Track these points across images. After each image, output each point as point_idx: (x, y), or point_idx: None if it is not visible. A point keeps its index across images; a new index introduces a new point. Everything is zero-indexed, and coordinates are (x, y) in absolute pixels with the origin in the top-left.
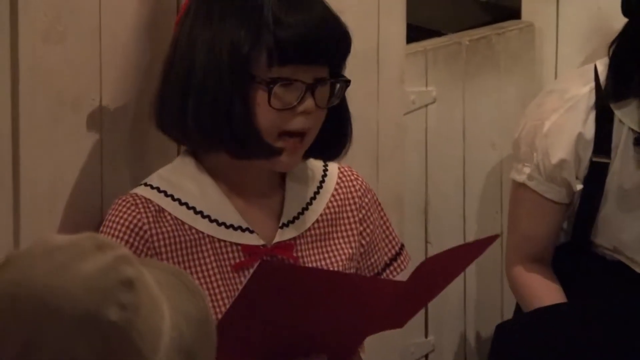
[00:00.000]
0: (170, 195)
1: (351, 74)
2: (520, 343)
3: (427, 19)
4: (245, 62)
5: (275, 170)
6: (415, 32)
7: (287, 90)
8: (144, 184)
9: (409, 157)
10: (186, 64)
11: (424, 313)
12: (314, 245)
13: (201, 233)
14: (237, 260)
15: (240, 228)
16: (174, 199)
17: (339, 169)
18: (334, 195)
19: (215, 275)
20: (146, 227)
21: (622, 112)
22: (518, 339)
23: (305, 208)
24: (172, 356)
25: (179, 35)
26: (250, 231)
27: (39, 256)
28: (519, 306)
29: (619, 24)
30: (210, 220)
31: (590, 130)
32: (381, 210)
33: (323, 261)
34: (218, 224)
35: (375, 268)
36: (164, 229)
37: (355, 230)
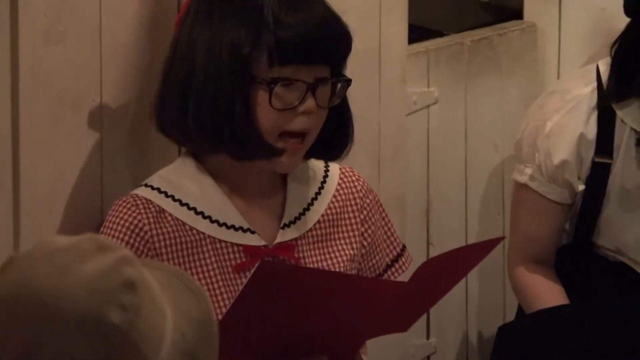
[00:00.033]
0: (171, 196)
1: (353, 75)
2: (523, 345)
3: (429, 19)
4: (245, 63)
5: (276, 170)
6: (417, 33)
7: (288, 90)
8: (145, 185)
9: (410, 158)
10: (186, 64)
11: (425, 314)
12: (316, 246)
13: (202, 234)
14: (238, 261)
15: (241, 229)
16: (174, 200)
17: (341, 169)
18: (335, 196)
19: (217, 276)
20: (147, 228)
21: (624, 112)
22: (520, 340)
23: (307, 209)
24: (174, 358)
25: (179, 35)
26: (252, 232)
27: (40, 258)
28: (521, 307)
29: (622, 24)
30: (211, 221)
31: (592, 130)
32: (383, 211)
33: (324, 262)
34: (219, 224)
35: (376, 269)
36: (164, 230)
37: (357, 231)
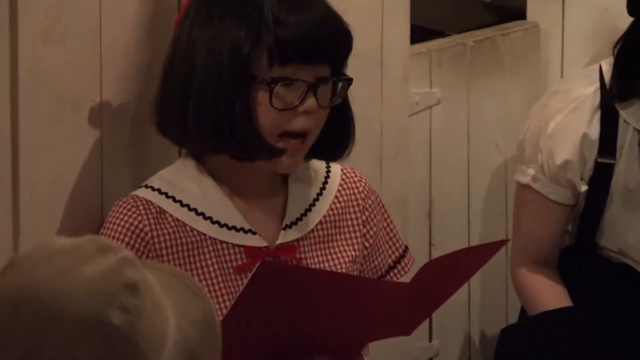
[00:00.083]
0: (172, 197)
1: (355, 75)
2: (525, 347)
3: (431, 20)
4: (245, 63)
5: (277, 171)
6: (419, 33)
7: (289, 90)
8: (145, 186)
9: (413, 159)
10: (186, 64)
11: (427, 318)
12: (317, 247)
13: (203, 235)
14: (240, 262)
15: (242, 229)
16: (175, 201)
17: (342, 170)
18: (337, 196)
19: (217, 277)
20: (147, 229)
21: (627, 112)
22: (523, 343)
23: (308, 209)
24: (176, 359)
25: (179, 35)
26: (253, 232)
27: (41, 259)
28: (524, 309)
29: (625, 24)
30: (212, 222)
31: (595, 130)
32: (385, 212)
33: (326, 263)
34: (220, 225)
35: (378, 270)
36: (165, 231)
37: (359, 232)
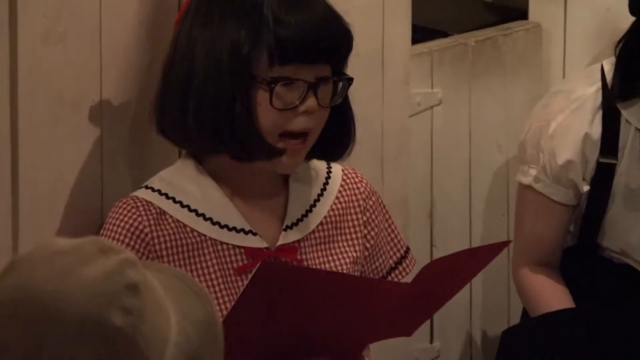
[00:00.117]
0: (172, 198)
1: (355, 75)
2: (527, 349)
3: (433, 20)
4: (245, 62)
5: (277, 171)
6: (420, 33)
7: (289, 89)
8: (145, 187)
9: (414, 160)
10: (186, 64)
11: (429, 319)
12: (318, 248)
13: (203, 236)
14: (240, 263)
15: (243, 230)
16: (175, 202)
17: (343, 171)
18: (338, 197)
19: (218, 279)
20: (147, 230)
21: (629, 112)
22: (525, 344)
23: (309, 210)
24: None
25: (179, 35)
26: (254, 233)
27: (41, 261)
28: (526, 311)
29: (627, 24)
30: (213, 223)
31: (597, 130)
32: (386, 212)
33: (327, 264)
34: (220, 226)
35: (380, 271)
36: (165, 232)
37: (360, 233)
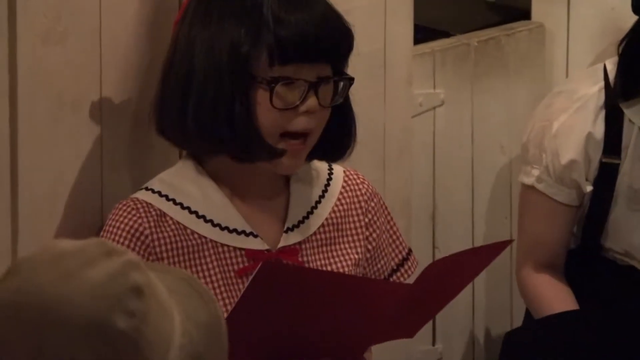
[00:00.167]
0: (172, 200)
1: (357, 76)
2: (530, 351)
3: (435, 20)
4: (245, 62)
5: (277, 172)
6: (422, 33)
7: (289, 89)
8: (145, 188)
9: (416, 161)
10: (186, 64)
11: (431, 320)
12: (320, 250)
13: (204, 238)
14: (241, 266)
15: (244, 232)
16: (175, 203)
17: (345, 172)
18: (339, 199)
19: (219, 281)
20: (147, 232)
21: (632, 111)
22: (528, 347)
23: (310, 212)
24: None
25: (178, 35)
26: (254, 235)
27: (45, 263)
28: (529, 312)
29: (631, 24)
30: (213, 225)
31: (599, 130)
32: (388, 214)
33: (329, 266)
34: (221, 228)
35: (382, 273)
36: (165, 234)
37: (362, 235)
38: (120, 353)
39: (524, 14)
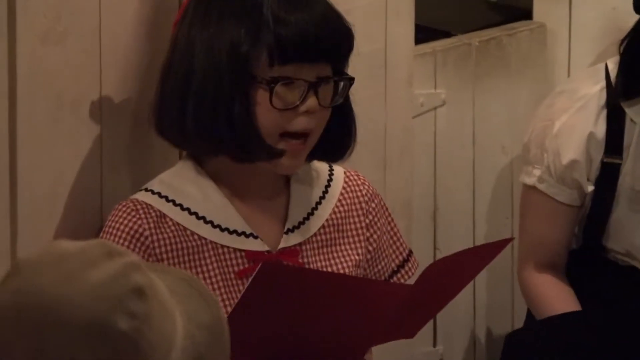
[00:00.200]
0: (172, 201)
1: (358, 76)
2: (532, 352)
3: (436, 20)
4: (245, 62)
5: (277, 172)
6: (423, 33)
7: (289, 89)
8: (145, 189)
9: (417, 161)
10: (185, 65)
11: (432, 321)
12: (320, 251)
13: (204, 239)
14: (241, 267)
15: (244, 233)
16: (175, 204)
17: (345, 173)
18: (340, 200)
19: (218, 283)
20: (147, 234)
21: (633, 111)
22: (529, 347)
23: (311, 213)
24: None
25: (178, 35)
26: (255, 236)
27: (46, 264)
28: (530, 313)
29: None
30: (213, 226)
31: (601, 130)
32: (389, 215)
33: (329, 268)
34: (221, 229)
35: (382, 275)
36: (165, 235)
37: (362, 236)
38: (121, 354)
39: (526, 14)
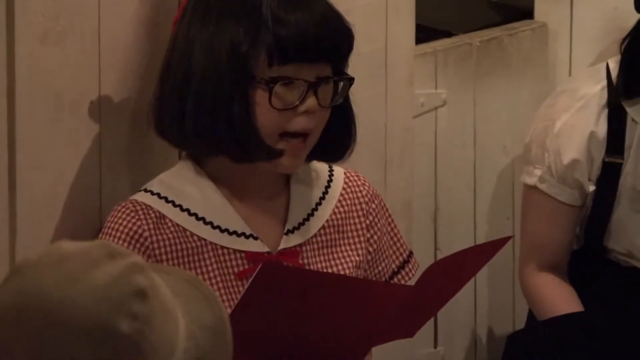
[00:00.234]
0: (172, 202)
1: (358, 76)
2: (533, 353)
3: (437, 19)
4: (244, 62)
5: (277, 172)
6: (424, 33)
7: (288, 89)
8: (144, 190)
9: (418, 162)
10: (184, 64)
11: (433, 322)
12: (320, 252)
13: (203, 240)
14: (241, 268)
15: (243, 234)
16: (175, 205)
17: (345, 174)
18: (340, 201)
19: (218, 284)
20: (146, 235)
21: (635, 110)
22: (530, 348)
23: (311, 214)
24: None
25: (177, 35)
26: (254, 237)
27: (48, 265)
28: (531, 313)
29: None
30: (213, 227)
31: (602, 129)
32: (389, 216)
33: (330, 269)
34: (221, 230)
35: (382, 275)
36: (164, 237)
37: (363, 237)
38: (122, 356)
39: (527, 14)
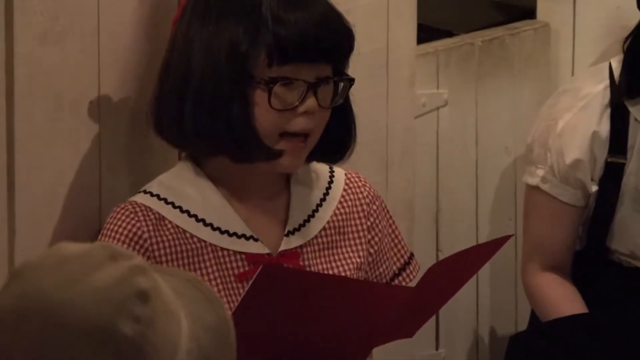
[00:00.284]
0: (171, 203)
1: (359, 76)
2: (535, 354)
3: (439, 19)
4: (243, 62)
5: (277, 172)
6: (426, 33)
7: (288, 89)
8: (144, 191)
9: (419, 162)
10: (183, 64)
11: (434, 324)
12: (321, 254)
13: (203, 242)
14: (241, 270)
15: (244, 236)
16: (174, 207)
17: (346, 175)
18: (341, 202)
19: (218, 286)
20: (146, 236)
21: (637, 110)
22: (533, 350)
23: (312, 215)
24: None
25: (176, 35)
26: (255, 239)
27: (49, 267)
28: (534, 314)
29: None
30: (213, 228)
31: (605, 129)
32: (390, 218)
33: (330, 270)
34: (221, 232)
35: (383, 278)
36: (164, 238)
37: (363, 239)
38: (124, 358)
39: (529, 13)
